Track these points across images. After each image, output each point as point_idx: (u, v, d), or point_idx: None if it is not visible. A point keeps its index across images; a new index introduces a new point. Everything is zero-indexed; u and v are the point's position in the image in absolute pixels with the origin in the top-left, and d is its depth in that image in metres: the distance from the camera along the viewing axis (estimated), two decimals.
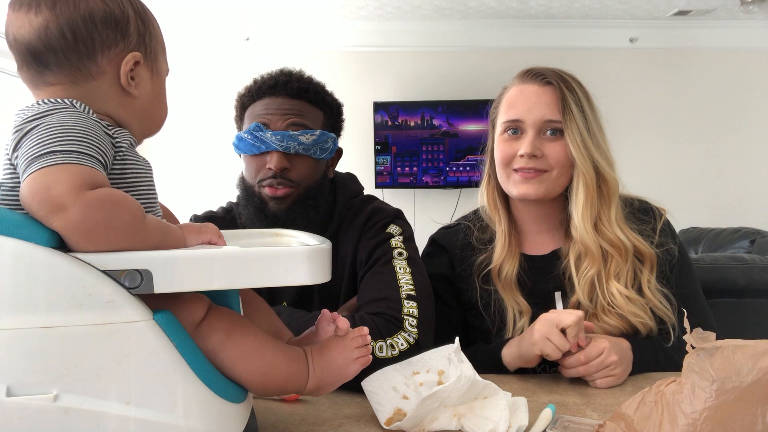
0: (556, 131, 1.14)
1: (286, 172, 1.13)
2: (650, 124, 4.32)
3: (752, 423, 0.58)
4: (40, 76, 0.65)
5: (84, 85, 0.65)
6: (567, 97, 1.13)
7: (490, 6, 3.96)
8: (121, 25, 0.67)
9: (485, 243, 1.24)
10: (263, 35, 4.27)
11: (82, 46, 0.64)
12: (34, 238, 0.55)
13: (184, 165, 4.11)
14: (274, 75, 1.20)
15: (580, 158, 1.12)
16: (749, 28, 4.26)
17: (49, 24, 0.63)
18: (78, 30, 0.64)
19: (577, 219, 1.13)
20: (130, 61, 0.67)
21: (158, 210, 0.69)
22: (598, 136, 1.15)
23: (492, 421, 0.79)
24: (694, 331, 0.62)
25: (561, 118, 1.12)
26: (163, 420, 0.58)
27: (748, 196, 4.35)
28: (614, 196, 1.15)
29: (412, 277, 1.08)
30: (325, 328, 0.78)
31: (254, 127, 1.13)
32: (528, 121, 1.15)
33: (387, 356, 0.97)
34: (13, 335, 0.54)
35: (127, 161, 0.64)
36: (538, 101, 1.14)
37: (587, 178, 1.12)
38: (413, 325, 1.02)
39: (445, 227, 1.34)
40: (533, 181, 1.14)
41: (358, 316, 1.03)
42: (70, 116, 0.60)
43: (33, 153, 0.56)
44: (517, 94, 1.18)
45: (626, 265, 1.13)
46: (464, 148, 4.23)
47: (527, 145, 1.13)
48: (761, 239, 2.78)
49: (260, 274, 0.60)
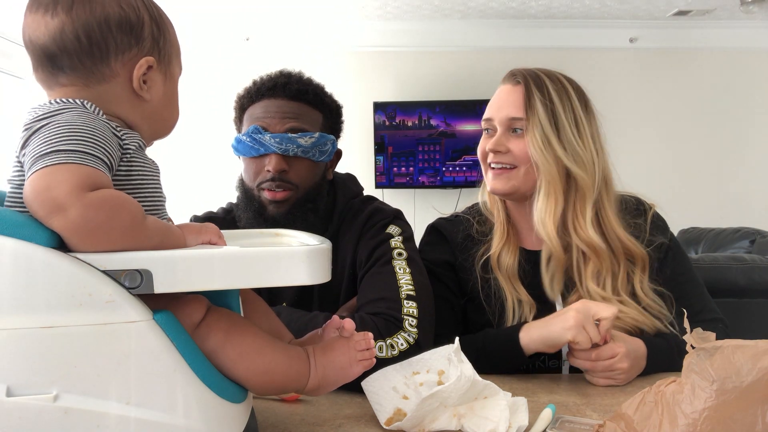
0: (520, 129, 1.17)
1: (285, 174, 1.13)
2: (650, 124, 4.32)
3: (752, 423, 0.58)
4: (54, 78, 0.65)
5: (96, 88, 0.66)
6: (533, 96, 1.15)
7: (490, 6, 3.97)
8: (136, 29, 0.67)
9: (485, 235, 1.26)
10: (263, 35, 4.27)
11: (96, 49, 0.65)
12: (34, 238, 0.55)
13: (184, 165, 4.11)
14: (274, 77, 1.20)
15: (539, 156, 1.13)
16: (749, 28, 4.26)
17: (64, 27, 0.63)
18: (93, 34, 0.64)
19: (536, 216, 1.15)
20: (144, 65, 0.68)
21: (165, 213, 0.69)
22: (571, 134, 1.15)
23: (492, 421, 0.79)
24: (694, 331, 0.62)
25: (524, 115, 1.15)
26: (163, 420, 0.58)
27: (748, 196, 4.35)
28: (586, 197, 1.15)
29: (412, 277, 1.09)
30: (330, 334, 0.78)
31: (253, 129, 1.13)
32: (496, 119, 1.20)
33: (387, 356, 0.97)
34: (13, 335, 0.54)
35: (134, 163, 0.65)
36: (507, 99, 1.19)
37: (549, 176, 1.14)
38: (413, 325, 1.02)
39: (444, 218, 1.35)
40: (502, 176, 1.19)
41: (357, 316, 1.03)
42: (79, 116, 0.61)
43: (39, 151, 0.56)
44: (495, 94, 1.24)
45: (610, 267, 1.14)
46: (461, 148, 4.24)
47: (492, 141, 1.19)
48: (761, 239, 2.78)
49: (260, 274, 0.60)
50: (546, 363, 1.17)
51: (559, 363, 1.18)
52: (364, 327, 0.98)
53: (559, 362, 1.18)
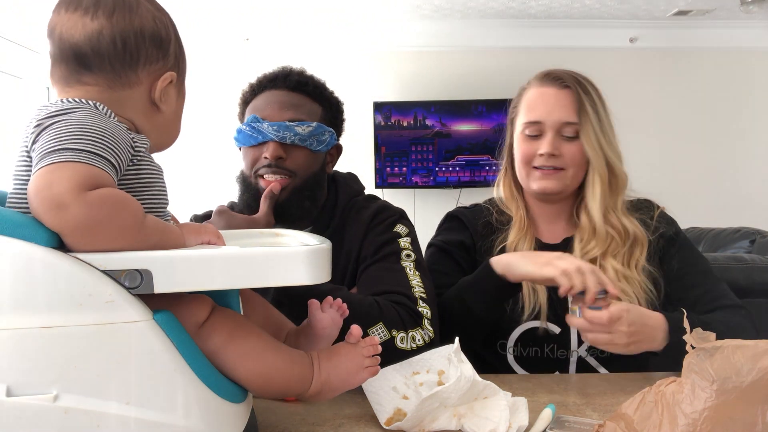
0: (573, 132, 1.21)
1: (282, 162, 1.14)
2: (650, 124, 4.31)
3: (752, 423, 0.58)
4: (77, 75, 0.67)
5: (119, 91, 0.68)
6: (583, 100, 1.21)
7: (490, 6, 3.96)
8: (165, 44, 0.71)
9: (503, 224, 1.31)
10: (263, 35, 4.26)
11: (128, 56, 0.68)
12: (34, 238, 0.55)
13: (184, 165, 4.10)
14: (276, 71, 1.22)
15: (595, 156, 1.21)
16: (749, 28, 4.26)
17: (103, 30, 0.66)
18: (128, 41, 0.67)
19: (594, 210, 1.22)
20: (168, 78, 0.71)
21: (168, 214, 0.70)
22: (610, 134, 1.24)
23: (492, 421, 0.79)
24: (694, 331, 0.62)
25: (577, 120, 1.21)
26: (163, 420, 0.58)
27: (748, 196, 4.35)
28: (623, 189, 1.25)
29: (422, 281, 1.10)
30: (316, 316, 0.77)
31: (252, 119, 1.14)
32: (548, 122, 1.22)
33: (407, 348, 0.98)
34: (13, 335, 0.54)
35: (143, 163, 0.66)
36: (557, 104, 1.22)
37: (601, 174, 1.22)
38: (429, 324, 1.03)
39: (463, 207, 1.41)
40: (552, 177, 1.23)
41: (379, 300, 1.02)
42: (91, 116, 0.62)
43: (46, 148, 0.57)
44: (537, 97, 1.25)
45: (624, 247, 1.21)
46: (453, 149, 4.24)
47: (547, 145, 1.21)
48: (761, 239, 2.78)
49: (260, 274, 0.60)
50: (554, 353, 1.19)
51: (566, 353, 1.20)
52: (387, 313, 0.99)
53: (567, 352, 1.20)
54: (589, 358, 1.20)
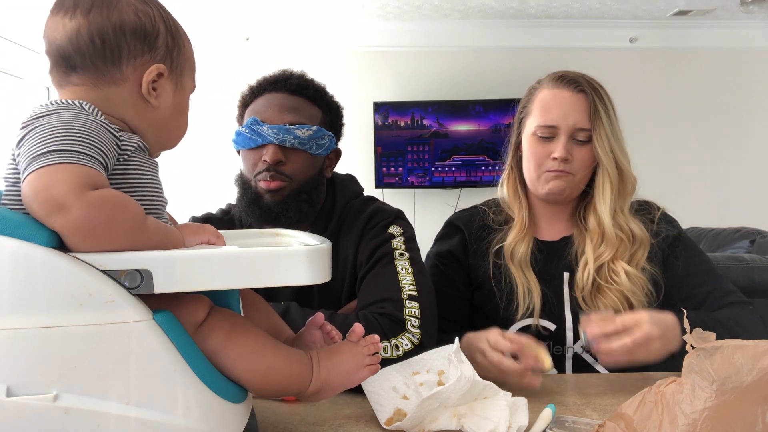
0: (585, 137, 1.22)
1: (281, 166, 1.14)
2: (650, 124, 4.31)
3: (752, 423, 0.58)
4: (66, 77, 0.67)
5: (105, 89, 0.68)
6: (598, 106, 1.22)
7: (490, 6, 3.96)
8: (150, 38, 0.70)
9: (500, 224, 1.32)
10: (263, 35, 4.26)
11: (109, 52, 0.67)
12: (34, 238, 0.55)
13: (183, 165, 4.10)
14: (276, 74, 1.22)
15: (607, 161, 1.22)
16: (749, 28, 4.26)
17: (80, 29, 0.66)
18: (107, 37, 0.66)
19: (604, 213, 1.24)
20: (153, 71, 0.70)
21: (164, 214, 0.70)
22: (620, 138, 1.26)
23: (492, 421, 0.79)
24: (694, 331, 0.62)
25: (591, 125, 1.22)
26: (163, 420, 0.58)
27: (748, 196, 4.35)
28: (631, 193, 1.27)
29: (414, 277, 1.09)
30: (311, 331, 0.78)
31: (252, 121, 1.14)
32: (562, 126, 1.22)
33: (392, 356, 0.98)
34: (13, 335, 0.54)
35: (131, 163, 0.65)
36: (572, 108, 1.22)
37: (612, 177, 1.23)
38: (415, 325, 1.03)
39: (460, 211, 1.42)
40: (562, 179, 1.24)
41: (362, 314, 1.03)
42: (74, 116, 0.61)
43: (34, 151, 0.56)
44: (552, 99, 1.25)
45: (631, 249, 1.23)
46: (449, 149, 4.23)
47: (561, 149, 1.22)
48: (761, 239, 2.78)
49: (260, 274, 0.60)
50: (550, 350, 1.20)
51: (562, 350, 1.21)
52: (369, 326, 0.98)
53: (563, 349, 1.21)
54: (584, 354, 1.21)
